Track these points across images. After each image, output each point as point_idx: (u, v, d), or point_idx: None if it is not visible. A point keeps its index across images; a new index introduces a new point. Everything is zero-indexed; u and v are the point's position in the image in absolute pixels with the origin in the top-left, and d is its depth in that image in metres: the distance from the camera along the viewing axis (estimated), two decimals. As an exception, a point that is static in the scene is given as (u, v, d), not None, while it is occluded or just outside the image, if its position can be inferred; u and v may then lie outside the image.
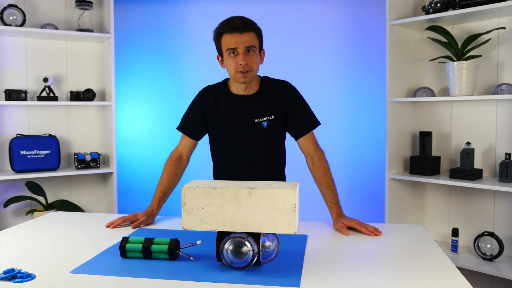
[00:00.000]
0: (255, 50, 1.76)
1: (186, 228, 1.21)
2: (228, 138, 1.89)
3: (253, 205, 1.18)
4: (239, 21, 1.73)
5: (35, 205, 3.12)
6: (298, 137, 1.88)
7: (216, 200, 1.19)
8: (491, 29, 2.56)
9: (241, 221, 1.19)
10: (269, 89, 1.88)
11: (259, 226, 1.18)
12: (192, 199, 1.20)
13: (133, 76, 3.53)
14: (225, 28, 1.74)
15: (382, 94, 3.14)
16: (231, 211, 1.19)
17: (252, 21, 1.78)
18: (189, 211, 1.20)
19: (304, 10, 3.36)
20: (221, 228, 1.20)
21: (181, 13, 3.50)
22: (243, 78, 1.76)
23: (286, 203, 1.16)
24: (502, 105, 2.63)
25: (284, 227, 1.17)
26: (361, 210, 3.22)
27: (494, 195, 2.68)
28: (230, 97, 1.87)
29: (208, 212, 1.20)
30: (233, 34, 1.72)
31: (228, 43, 1.73)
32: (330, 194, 1.76)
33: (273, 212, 1.17)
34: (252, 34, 1.74)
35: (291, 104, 1.87)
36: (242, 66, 1.73)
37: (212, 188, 1.19)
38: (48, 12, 3.12)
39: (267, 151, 1.91)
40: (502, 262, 2.53)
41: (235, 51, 1.73)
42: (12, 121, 3.05)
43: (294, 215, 1.16)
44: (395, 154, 2.88)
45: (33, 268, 1.26)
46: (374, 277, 1.20)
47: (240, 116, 1.86)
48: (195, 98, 1.96)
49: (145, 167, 3.53)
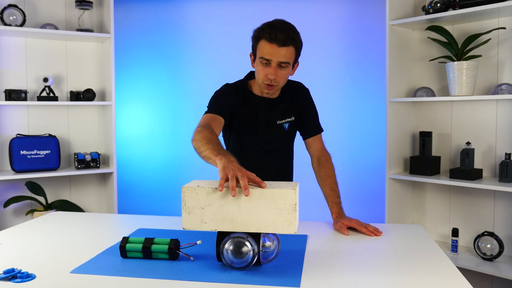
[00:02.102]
0: (288, 66, 1.69)
1: (186, 228, 1.21)
2: (250, 140, 1.87)
3: (253, 205, 1.18)
4: (282, 33, 1.62)
5: (35, 205, 3.12)
6: (307, 137, 1.91)
7: (216, 200, 1.19)
8: (491, 29, 2.56)
9: (241, 221, 1.19)
10: (289, 91, 1.88)
11: (259, 226, 1.18)
12: (192, 199, 1.20)
13: (133, 76, 3.53)
14: (266, 35, 1.64)
15: (382, 94, 3.14)
16: (231, 211, 1.19)
17: (295, 34, 1.67)
18: (189, 211, 1.20)
19: (304, 10, 3.36)
20: (222, 228, 1.20)
21: (181, 13, 3.50)
22: (267, 90, 1.75)
23: (286, 203, 1.16)
24: (502, 105, 2.63)
25: (284, 227, 1.17)
26: (361, 210, 3.22)
27: (494, 195, 2.68)
28: (254, 99, 1.84)
29: (208, 212, 1.20)
30: (271, 45, 1.63)
31: (264, 52, 1.66)
32: (333, 195, 1.77)
33: (273, 212, 1.17)
34: (290, 49, 1.65)
35: (306, 106, 1.91)
36: (270, 80, 1.70)
37: (212, 188, 1.19)
38: (48, 12, 3.12)
39: (285, 151, 1.94)
40: (502, 262, 2.53)
41: (268, 62, 1.67)
42: (12, 121, 3.05)
43: (294, 215, 1.16)
44: (395, 154, 2.88)
45: (33, 268, 1.26)
46: (374, 277, 1.20)
47: (265, 118, 1.85)
48: (221, 93, 1.82)
49: (145, 167, 3.53)
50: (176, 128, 3.50)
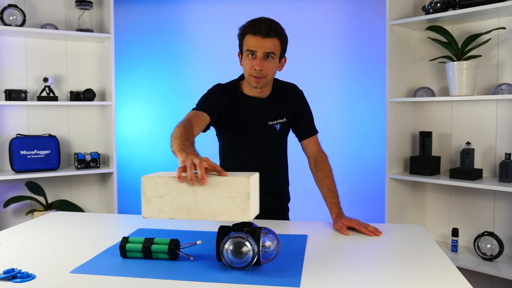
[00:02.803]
0: (274, 57, 1.72)
1: (146, 217, 1.22)
2: (242, 141, 1.87)
3: (209, 194, 1.18)
4: (265, 25, 1.69)
5: (35, 205, 3.12)
6: (303, 139, 1.91)
7: (173, 188, 1.19)
8: (491, 29, 2.56)
9: (197, 210, 1.19)
10: (281, 92, 1.88)
11: (215, 214, 1.18)
12: (151, 188, 1.21)
13: (133, 76, 3.53)
14: (250, 29, 1.70)
15: (382, 94, 3.14)
16: (188, 199, 1.19)
17: (279, 27, 1.73)
18: (148, 200, 1.21)
19: (304, 10, 3.36)
20: (179, 216, 1.20)
21: (181, 13, 3.50)
22: (256, 83, 1.75)
23: (240, 191, 1.16)
24: (502, 105, 2.63)
25: (239, 215, 1.17)
26: (361, 210, 3.22)
27: (494, 195, 2.68)
28: (245, 99, 1.84)
29: (166, 201, 1.20)
30: (255, 37, 1.69)
31: (249, 45, 1.71)
32: (331, 195, 1.77)
33: (228, 200, 1.17)
34: (275, 40, 1.70)
35: (300, 107, 1.90)
36: (257, 71, 1.71)
37: (169, 177, 1.20)
38: (48, 12, 3.12)
39: (277, 151, 1.93)
40: (502, 262, 2.53)
41: (254, 54, 1.71)
42: (12, 121, 3.05)
43: (248, 203, 1.16)
44: (395, 154, 2.88)
45: (33, 268, 1.26)
46: (374, 277, 1.20)
47: (255, 119, 1.85)
48: (211, 92, 1.84)
49: (145, 167, 3.53)
50: (174, 129, 3.49)
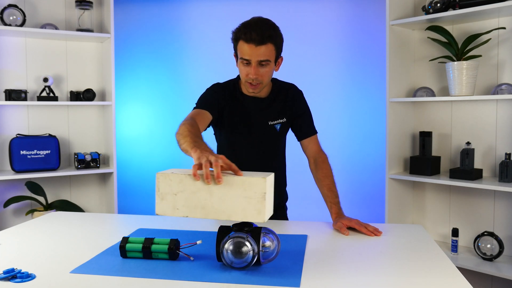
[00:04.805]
0: (269, 63, 1.69)
1: (159, 214, 1.22)
2: (241, 140, 1.87)
3: (224, 193, 1.17)
4: (257, 32, 1.63)
5: (35, 205, 3.12)
6: (303, 139, 1.91)
7: (188, 186, 1.19)
8: (491, 29, 2.56)
9: (212, 208, 1.18)
10: (281, 92, 1.88)
11: (229, 214, 1.18)
12: (166, 185, 1.20)
13: (133, 76, 3.53)
14: (242, 35, 1.65)
15: (382, 94, 3.14)
16: (202, 197, 1.18)
17: (272, 30, 1.67)
18: (162, 197, 1.21)
19: (304, 10, 3.36)
20: (193, 215, 1.20)
21: (181, 13, 3.50)
22: (252, 89, 1.75)
23: (256, 192, 1.15)
24: (502, 105, 2.63)
25: (254, 216, 1.16)
26: (361, 210, 3.22)
27: (494, 195, 2.68)
28: (244, 98, 1.84)
29: (180, 198, 1.20)
30: (248, 45, 1.64)
31: (243, 52, 1.67)
32: (331, 195, 1.77)
33: (243, 200, 1.16)
34: (269, 46, 1.66)
35: (300, 108, 1.90)
36: (252, 79, 1.71)
37: (185, 175, 1.19)
38: (48, 12, 3.12)
39: (276, 151, 1.93)
40: (502, 262, 2.53)
41: (248, 62, 1.68)
42: (12, 121, 3.05)
43: (264, 204, 1.15)
44: (395, 154, 2.88)
45: (33, 268, 1.26)
46: (374, 277, 1.20)
47: (256, 118, 1.85)
48: (210, 90, 1.84)
49: (145, 167, 3.53)
50: (176, 128, 3.49)
